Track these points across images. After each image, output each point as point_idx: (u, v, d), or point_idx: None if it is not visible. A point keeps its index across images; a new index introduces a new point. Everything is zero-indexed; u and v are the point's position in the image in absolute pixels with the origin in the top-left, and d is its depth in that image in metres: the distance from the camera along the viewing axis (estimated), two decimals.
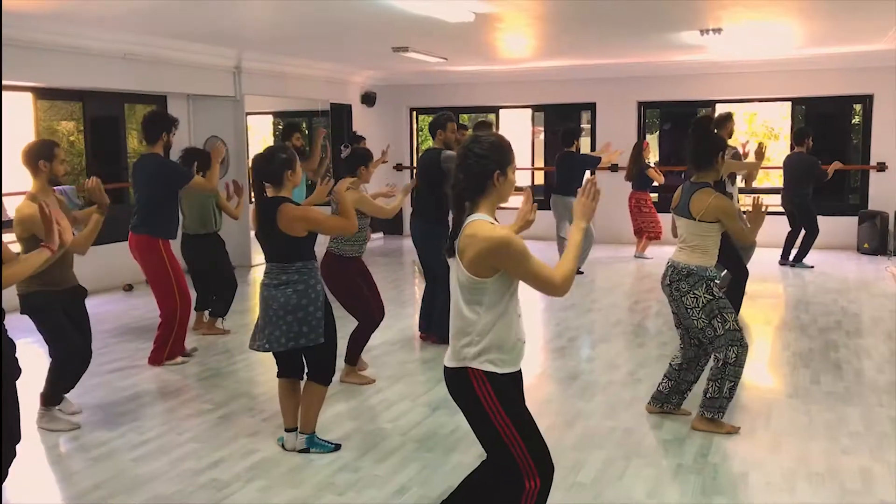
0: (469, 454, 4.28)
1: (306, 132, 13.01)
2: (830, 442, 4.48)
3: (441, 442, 4.55)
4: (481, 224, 2.80)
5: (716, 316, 4.46)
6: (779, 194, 10.60)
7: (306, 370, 4.38)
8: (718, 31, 8.60)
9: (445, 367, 2.93)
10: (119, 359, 6.35)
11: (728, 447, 4.41)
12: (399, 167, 13.92)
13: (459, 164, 2.94)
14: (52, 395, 4.89)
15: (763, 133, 19.33)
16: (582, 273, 9.74)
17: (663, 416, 4.88)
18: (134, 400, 5.38)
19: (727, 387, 4.50)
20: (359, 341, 5.68)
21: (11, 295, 4.03)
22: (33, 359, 6.30)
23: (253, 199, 4.45)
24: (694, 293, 4.47)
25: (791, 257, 10.21)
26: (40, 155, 4.84)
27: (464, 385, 2.85)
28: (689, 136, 5.69)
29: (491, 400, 2.83)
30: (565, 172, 9.75)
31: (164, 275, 6.03)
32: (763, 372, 6.02)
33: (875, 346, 6.45)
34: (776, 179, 15.08)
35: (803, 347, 6.45)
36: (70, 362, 4.88)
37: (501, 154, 2.91)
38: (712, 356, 4.59)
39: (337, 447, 4.42)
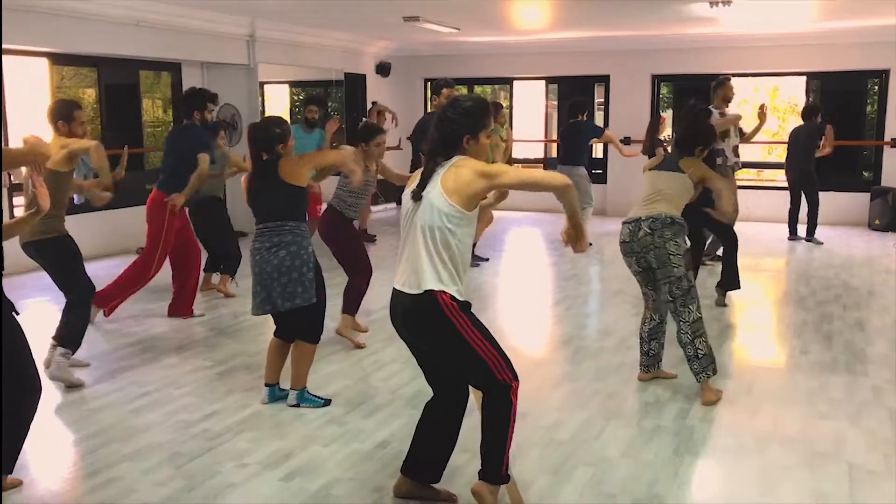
0: None
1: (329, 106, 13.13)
2: (809, 408, 4.56)
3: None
4: (468, 158, 3.07)
5: (689, 268, 4.72)
6: (782, 169, 10.60)
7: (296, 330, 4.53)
8: (728, 3, 8.56)
9: (408, 294, 3.08)
10: (126, 317, 6.53)
11: (707, 411, 4.51)
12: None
13: (436, 124, 3.13)
14: (77, 340, 5.13)
15: (784, 108, 19.16)
16: (590, 245, 9.84)
17: (649, 381, 4.98)
18: (137, 356, 5.57)
19: (700, 341, 4.62)
20: (362, 291, 5.84)
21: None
22: (48, 315, 6.54)
23: (250, 164, 4.59)
24: (676, 241, 4.64)
25: (804, 232, 10.18)
26: (59, 115, 5.05)
27: (432, 308, 3.03)
28: (683, 118, 5.75)
29: (460, 317, 3.04)
30: (571, 141, 9.80)
31: (157, 233, 6.25)
32: (754, 342, 6.10)
33: (869, 319, 6.50)
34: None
35: (798, 319, 6.51)
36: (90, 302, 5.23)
37: (473, 119, 3.10)
38: (685, 312, 4.61)
39: (327, 402, 4.58)
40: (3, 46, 8.03)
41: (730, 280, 6.90)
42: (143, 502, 3.48)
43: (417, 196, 3.08)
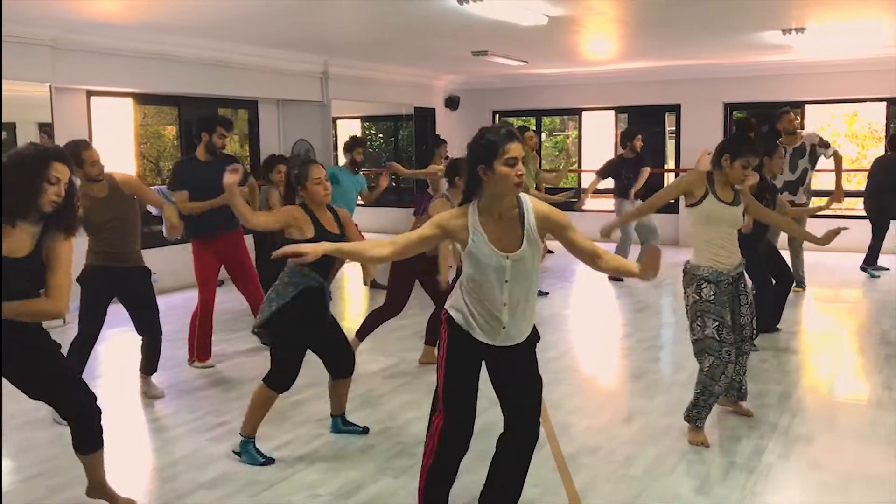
0: None
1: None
2: (893, 445, 4.40)
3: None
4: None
5: (696, 318, 4.43)
6: (860, 198, 10.23)
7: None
8: (801, 30, 8.43)
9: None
10: None
11: (786, 448, 4.39)
12: None
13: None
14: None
15: (864, 135, 18.59)
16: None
17: (723, 415, 4.87)
18: (214, 386, 5.72)
19: (695, 392, 4.47)
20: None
21: None
22: (128, 346, 6.76)
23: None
24: (686, 291, 4.51)
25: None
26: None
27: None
28: None
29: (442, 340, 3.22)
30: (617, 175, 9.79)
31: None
32: (833, 377, 5.91)
33: None
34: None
35: (880, 354, 6.28)
36: (79, 343, 5.10)
37: (484, 149, 2.98)
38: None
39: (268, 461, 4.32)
40: (92, 88, 8.48)
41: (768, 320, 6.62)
42: None
43: None
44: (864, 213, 10.09)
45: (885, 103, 11.94)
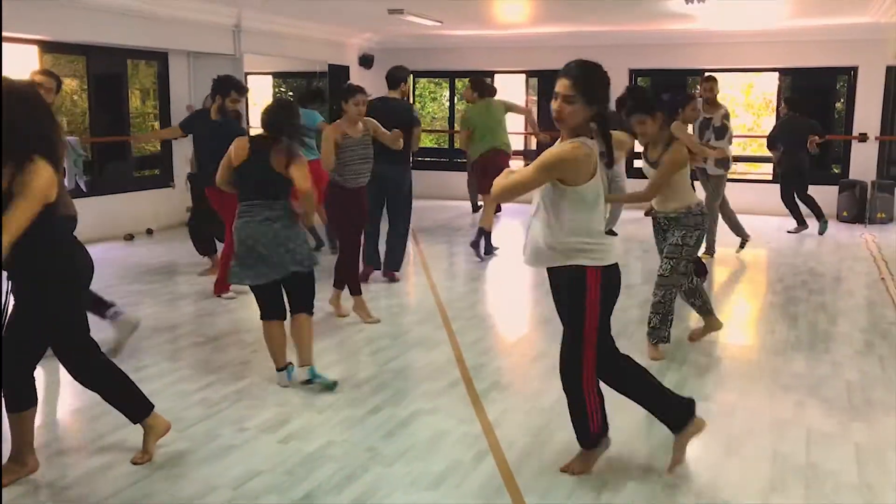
0: (438, 383, 4.72)
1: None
2: (773, 380, 4.87)
3: (414, 374, 4.96)
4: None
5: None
6: (769, 163, 10.83)
7: (291, 306, 4.67)
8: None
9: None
10: (120, 298, 6.68)
11: (676, 382, 4.79)
12: None
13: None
14: None
15: (759, 105, 19.53)
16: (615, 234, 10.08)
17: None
18: (132, 334, 5.75)
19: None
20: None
21: None
22: None
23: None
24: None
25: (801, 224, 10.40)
26: None
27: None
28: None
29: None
30: None
31: None
32: (724, 323, 6.38)
33: (833, 303, 6.82)
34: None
35: (765, 303, 6.83)
36: None
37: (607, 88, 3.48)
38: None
39: (334, 383, 4.64)
40: None
41: None
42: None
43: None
44: (757, 178, 10.72)
45: (777, 73, 12.64)
